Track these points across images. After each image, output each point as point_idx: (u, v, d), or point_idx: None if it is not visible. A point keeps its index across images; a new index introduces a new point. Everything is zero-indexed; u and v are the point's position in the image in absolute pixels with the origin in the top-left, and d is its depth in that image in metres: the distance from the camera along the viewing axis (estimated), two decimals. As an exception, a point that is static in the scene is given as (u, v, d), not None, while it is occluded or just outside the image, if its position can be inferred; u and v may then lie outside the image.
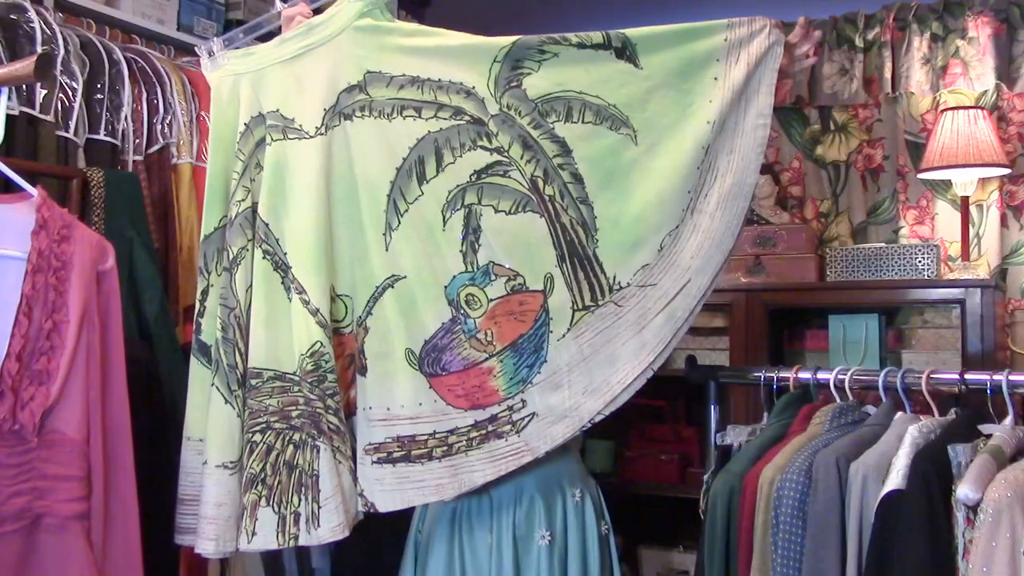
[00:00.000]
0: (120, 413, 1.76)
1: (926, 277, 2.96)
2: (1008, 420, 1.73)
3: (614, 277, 1.73)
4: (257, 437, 1.83)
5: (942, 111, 3.05)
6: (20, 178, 1.78)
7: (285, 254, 1.84)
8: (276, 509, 1.80)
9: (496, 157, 1.75)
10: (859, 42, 3.29)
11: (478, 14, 4.08)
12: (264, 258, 1.86)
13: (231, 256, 1.88)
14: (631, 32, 1.76)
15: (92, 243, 1.77)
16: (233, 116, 1.91)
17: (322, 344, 1.79)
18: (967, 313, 2.81)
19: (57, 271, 1.69)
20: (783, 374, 2.03)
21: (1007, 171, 3.03)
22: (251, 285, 1.86)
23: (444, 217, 1.76)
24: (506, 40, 1.77)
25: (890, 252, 3.02)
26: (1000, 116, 3.13)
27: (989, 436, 1.67)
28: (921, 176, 3.13)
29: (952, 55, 3.19)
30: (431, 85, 1.78)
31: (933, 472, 1.58)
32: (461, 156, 1.76)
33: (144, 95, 2.61)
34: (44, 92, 2.32)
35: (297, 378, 1.81)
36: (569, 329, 1.73)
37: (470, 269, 1.76)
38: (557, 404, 1.73)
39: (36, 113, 2.30)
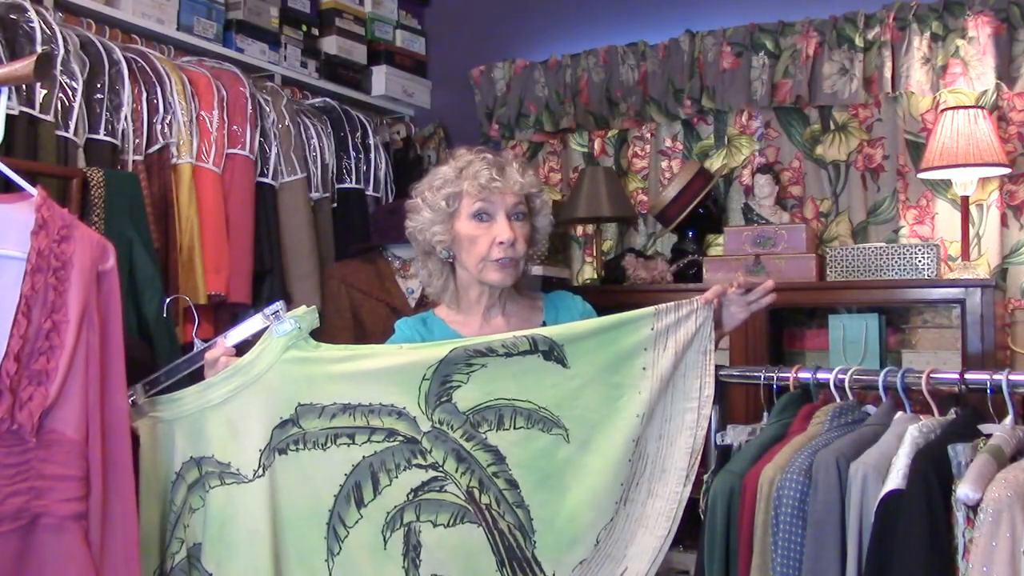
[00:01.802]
0: (119, 413, 1.75)
1: (926, 277, 2.95)
2: (1008, 420, 1.73)
3: (553, 574, 1.75)
4: None
5: (942, 111, 3.05)
6: (20, 178, 1.78)
7: None
8: None
9: (431, 473, 1.76)
10: (859, 42, 3.29)
11: (478, 14, 4.09)
12: None
13: None
14: (558, 333, 1.77)
15: (93, 243, 1.77)
16: (163, 464, 1.84)
17: None
18: (967, 313, 2.81)
19: (57, 271, 1.69)
20: (783, 374, 2.02)
21: (1007, 171, 3.03)
22: None
23: (384, 538, 1.76)
24: (434, 357, 1.75)
25: (890, 252, 3.02)
26: (1000, 116, 3.13)
27: (989, 436, 1.67)
28: (921, 176, 3.13)
29: (952, 55, 3.19)
30: (363, 410, 1.76)
31: (933, 472, 1.58)
32: (397, 477, 1.76)
33: (144, 95, 2.61)
34: (44, 92, 2.32)
35: None
36: None
37: None
38: None
39: (36, 113, 2.30)
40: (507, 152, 2.01)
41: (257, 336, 1.82)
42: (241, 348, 1.85)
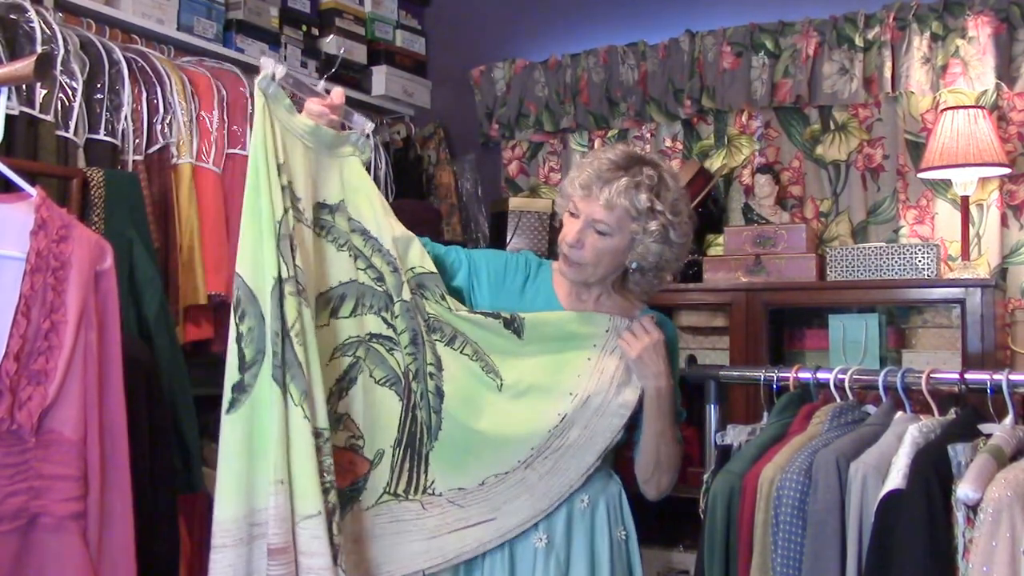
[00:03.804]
0: (117, 413, 1.76)
1: (926, 277, 2.95)
2: (1008, 420, 1.73)
3: (432, 482, 1.86)
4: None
5: (942, 111, 3.05)
6: (19, 178, 1.78)
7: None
8: None
9: (390, 333, 1.88)
10: (859, 42, 3.29)
11: (478, 14, 4.09)
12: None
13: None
14: (525, 315, 1.91)
15: (91, 243, 1.77)
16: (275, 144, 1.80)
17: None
18: (967, 313, 2.81)
19: (55, 271, 1.69)
20: (783, 374, 2.02)
21: (1007, 171, 3.03)
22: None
23: (332, 354, 1.84)
24: (423, 267, 1.90)
25: (890, 252, 3.02)
26: (1000, 116, 3.13)
27: (989, 436, 1.67)
28: (921, 176, 3.13)
29: (952, 55, 3.19)
30: (374, 244, 1.88)
31: (933, 472, 1.58)
32: (366, 315, 1.88)
33: (144, 95, 2.61)
34: (44, 92, 2.32)
35: None
36: (372, 506, 1.85)
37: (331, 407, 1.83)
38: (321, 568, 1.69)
39: (36, 113, 2.30)
40: (647, 167, 1.92)
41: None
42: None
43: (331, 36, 3.63)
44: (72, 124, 2.41)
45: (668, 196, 1.87)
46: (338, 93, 1.88)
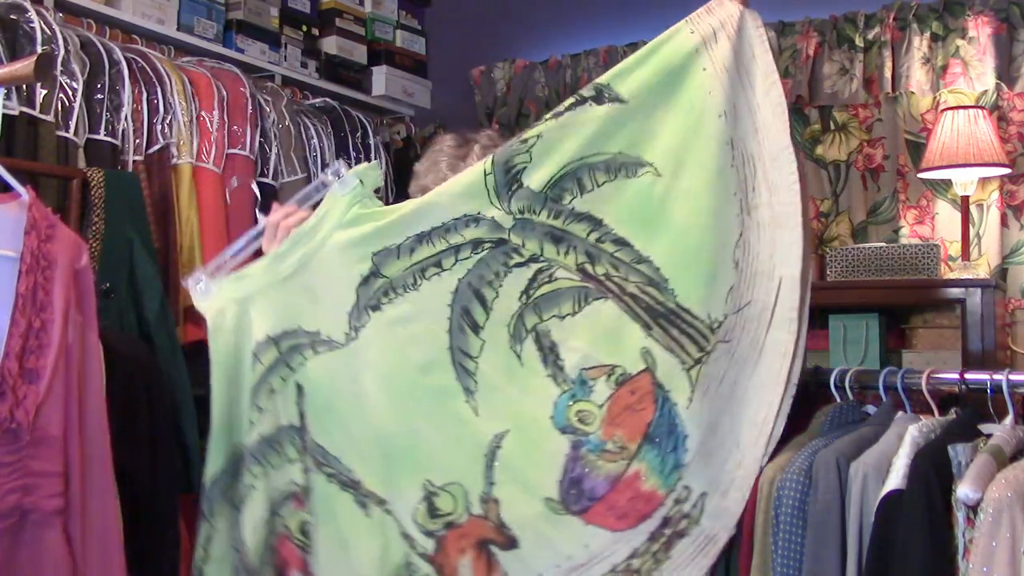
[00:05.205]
0: (97, 410, 1.76)
1: (926, 277, 2.95)
2: (1008, 420, 1.73)
3: (708, 316, 1.57)
4: None
5: (942, 111, 3.05)
6: (12, 178, 1.78)
7: (350, 470, 1.68)
8: None
9: (534, 267, 1.61)
10: (859, 42, 3.29)
11: (478, 14, 4.09)
12: (329, 481, 1.69)
13: (240, 494, 1.74)
14: (598, 79, 1.62)
15: (70, 242, 1.78)
16: (239, 345, 1.73)
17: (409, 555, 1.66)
18: (967, 313, 2.81)
19: (44, 270, 1.70)
20: (783, 374, 2.02)
21: (1007, 171, 3.03)
22: (267, 519, 1.72)
23: (516, 353, 1.62)
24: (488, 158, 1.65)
25: (890, 252, 3.02)
26: (1000, 116, 3.13)
27: (989, 436, 1.67)
28: (921, 176, 3.13)
29: (952, 55, 3.19)
30: (439, 233, 1.63)
31: (933, 472, 1.57)
32: (502, 285, 1.62)
33: (144, 95, 2.61)
34: (44, 92, 2.32)
35: None
36: (693, 390, 1.57)
37: (565, 387, 1.61)
38: (719, 472, 1.58)
39: (36, 113, 2.30)
40: (479, 135, 1.93)
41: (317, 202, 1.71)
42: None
43: (331, 36, 3.63)
44: (72, 124, 2.41)
45: (505, 142, 1.88)
46: (275, 212, 1.74)
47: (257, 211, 1.82)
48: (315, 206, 1.72)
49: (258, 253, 1.77)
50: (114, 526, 1.74)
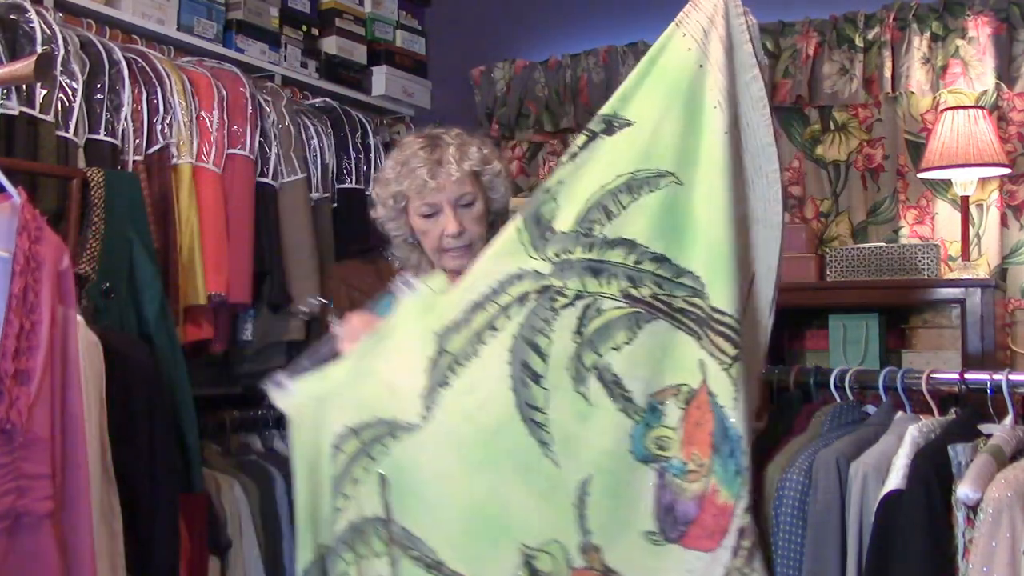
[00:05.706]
0: (76, 411, 1.75)
1: (926, 277, 2.96)
2: (1008, 420, 1.73)
3: (735, 312, 1.62)
4: None
5: (942, 111, 3.05)
6: (5, 179, 1.78)
7: (433, 551, 1.67)
8: None
9: (580, 304, 1.63)
10: (859, 42, 3.29)
11: (478, 14, 4.09)
12: (416, 565, 1.69)
13: None
14: (604, 109, 1.68)
15: (55, 243, 1.78)
16: (320, 440, 1.76)
17: None
18: (967, 313, 2.81)
19: (34, 271, 1.70)
20: (783, 374, 2.03)
21: (1007, 171, 3.03)
22: None
23: (582, 394, 1.62)
24: (519, 215, 1.73)
25: (890, 252, 3.02)
26: (1000, 116, 3.13)
27: (989, 436, 1.67)
28: (921, 176, 3.13)
29: (952, 55, 3.19)
30: (488, 298, 1.67)
31: (933, 472, 1.58)
32: (553, 330, 1.63)
33: (144, 95, 2.61)
34: (44, 92, 2.32)
35: None
36: (736, 389, 1.60)
37: (638, 417, 1.62)
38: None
39: (36, 113, 2.30)
40: (447, 135, 1.98)
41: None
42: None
43: (331, 36, 3.63)
44: (72, 124, 2.40)
45: (474, 140, 1.95)
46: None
47: (331, 323, 1.92)
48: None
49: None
50: (89, 530, 1.74)
